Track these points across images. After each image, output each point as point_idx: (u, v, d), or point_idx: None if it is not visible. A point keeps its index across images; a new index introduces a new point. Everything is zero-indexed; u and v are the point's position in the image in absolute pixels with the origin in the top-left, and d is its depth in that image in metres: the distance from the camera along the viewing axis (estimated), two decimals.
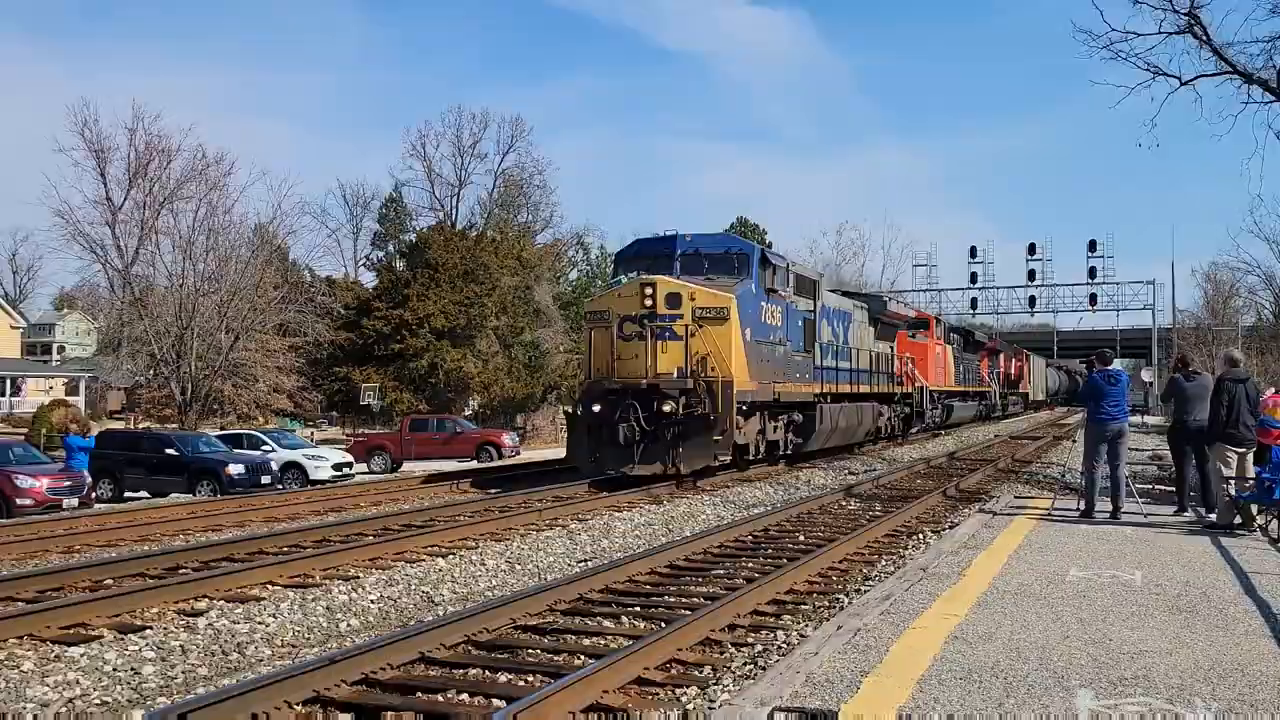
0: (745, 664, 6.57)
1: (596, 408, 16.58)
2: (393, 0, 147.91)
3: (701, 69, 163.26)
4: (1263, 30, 72.06)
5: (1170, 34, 18.36)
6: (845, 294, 27.18)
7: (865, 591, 8.36)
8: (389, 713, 5.34)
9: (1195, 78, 18.90)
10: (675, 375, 16.48)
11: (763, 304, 18.30)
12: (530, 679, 6.25)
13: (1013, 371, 54.86)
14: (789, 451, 20.32)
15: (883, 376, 26.80)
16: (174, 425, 41.94)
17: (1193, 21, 18.08)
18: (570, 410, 17.76)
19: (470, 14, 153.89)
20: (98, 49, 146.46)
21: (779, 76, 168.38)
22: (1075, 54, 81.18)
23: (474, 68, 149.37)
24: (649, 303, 16.70)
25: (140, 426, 44.08)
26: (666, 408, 16.12)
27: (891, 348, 28.52)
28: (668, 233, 18.74)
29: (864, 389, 24.67)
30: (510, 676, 6.33)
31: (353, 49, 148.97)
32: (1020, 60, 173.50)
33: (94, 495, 19.73)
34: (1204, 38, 18.28)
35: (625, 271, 18.67)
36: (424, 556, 10.44)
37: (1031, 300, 73.89)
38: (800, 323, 20.17)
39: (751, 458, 18.68)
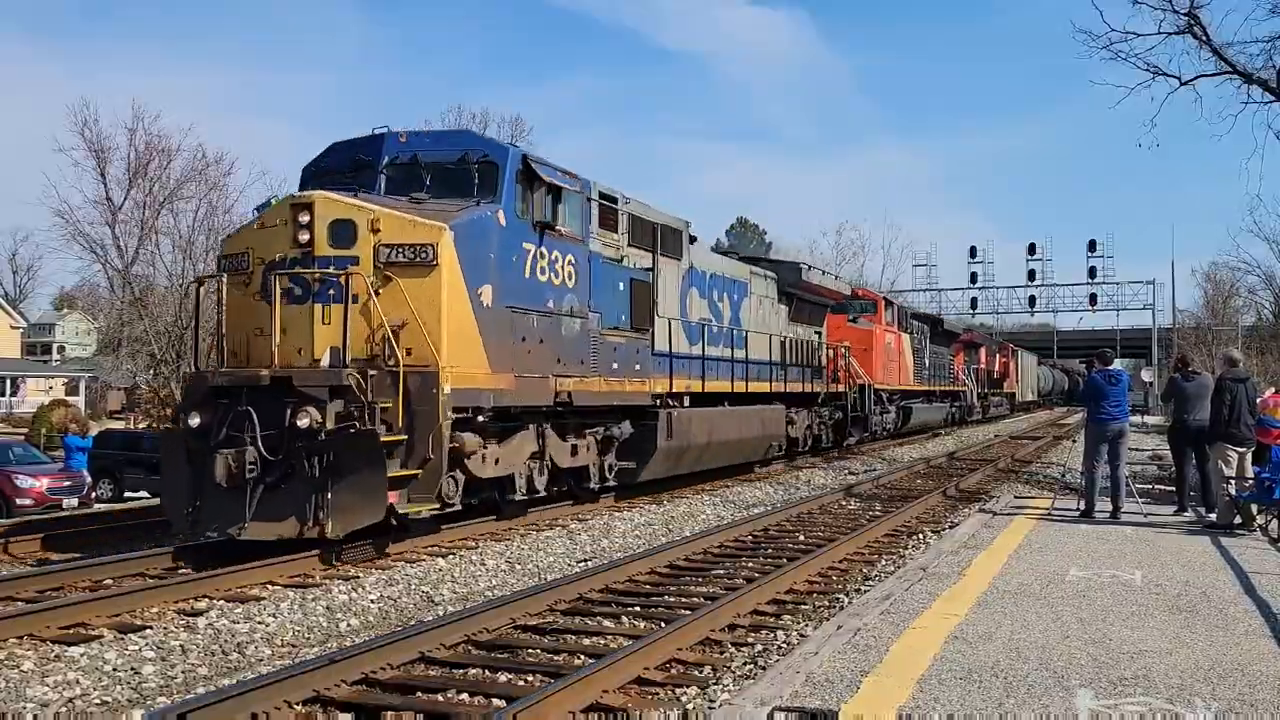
0: (745, 664, 6.57)
1: (196, 420, 9.92)
2: (393, 0, 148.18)
3: (701, 69, 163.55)
4: (1262, 30, 72.15)
5: (1170, 34, 18.44)
6: (744, 259, 20.51)
7: (865, 591, 8.37)
8: (389, 713, 5.34)
9: (1195, 78, 18.98)
10: (327, 362, 9.98)
11: (527, 245, 11.45)
12: (530, 679, 6.25)
13: (996, 368, 49.93)
14: (610, 481, 13.94)
15: (799, 370, 20.93)
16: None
17: (1192, 21, 18.13)
18: (166, 423, 10.31)
19: (470, 14, 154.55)
20: (98, 49, 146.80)
21: (779, 76, 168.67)
22: (1075, 54, 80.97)
23: (474, 68, 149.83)
24: (304, 236, 10.00)
25: (140, 426, 44.10)
26: (302, 421, 9.39)
27: (818, 334, 22.83)
28: (377, 130, 11.68)
29: (763, 387, 18.67)
30: (510, 676, 6.33)
31: (353, 49, 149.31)
32: (1020, 60, 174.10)
33: (94, 495, 19.74)
34: (1204, 38, 18.34)
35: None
36: (424, 556, 10.44)
37: (1031, 300, 73.83)
38: (624, 285, 13.66)
39: (521, 496, 12.03)
